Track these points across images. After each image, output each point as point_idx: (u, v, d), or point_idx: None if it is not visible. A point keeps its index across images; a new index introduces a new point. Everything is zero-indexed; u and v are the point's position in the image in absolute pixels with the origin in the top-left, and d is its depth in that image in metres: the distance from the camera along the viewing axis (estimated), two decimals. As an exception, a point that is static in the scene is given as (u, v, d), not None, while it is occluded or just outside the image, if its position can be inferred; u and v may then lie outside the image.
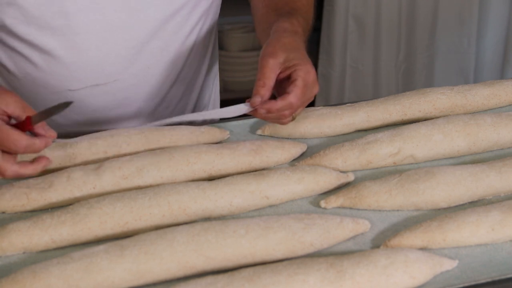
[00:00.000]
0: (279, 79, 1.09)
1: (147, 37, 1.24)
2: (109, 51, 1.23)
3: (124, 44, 1.23)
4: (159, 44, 1.26)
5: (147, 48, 1.25)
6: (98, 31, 1.20)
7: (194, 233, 0.88)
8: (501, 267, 0.88)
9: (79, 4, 1.17)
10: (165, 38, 1.26)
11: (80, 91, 1.25)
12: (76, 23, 1.18)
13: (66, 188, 1.02)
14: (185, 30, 1.29)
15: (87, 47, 1.21)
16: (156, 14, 1.23)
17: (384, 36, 2.86)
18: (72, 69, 1.22)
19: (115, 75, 1.26)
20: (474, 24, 2.81)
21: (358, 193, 1.00)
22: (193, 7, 1.28)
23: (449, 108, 1.22)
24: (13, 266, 0.91)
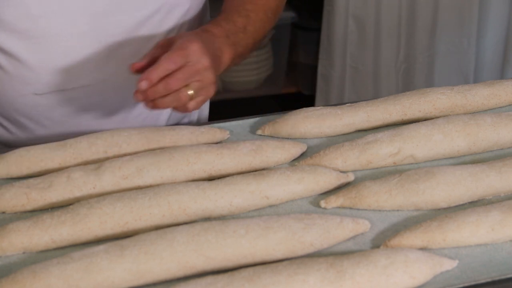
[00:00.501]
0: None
1: (116, 44, 1.22)
2: (76, 56, 1.21)
3: (91, 50, 1.21)
4: (130, 50, 1.24)
5: (117, 54, 1.23)
6: (65, 36, 1.19)
7: (194, 233, 0.89)
8: (501, 267, 0.88)
9: (45, 7, 1.16)
10: (136, 45, 1.24)
11: (47, 95, 1.24)
12: (42, 27, 1.17)
13: (66, 188, 1.02)
14: (158, 37, 1.26)
15: (53, 51, 1.20)
16: (125, 20, 1.21)
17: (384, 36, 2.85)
18: (38, 73, 1.21)
19: (82, 80, 1.24)
20: (474, 24, 2.80)
21: (358, 193, 1.00)
22: (167, 14, 1.26)
23: (449, 108, 1.22)
24: (13, 266, 0.91)
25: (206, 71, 1.10)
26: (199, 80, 1.10)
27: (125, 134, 1.12)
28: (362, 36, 2.87)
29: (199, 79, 1.10)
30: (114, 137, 1.12)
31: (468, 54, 2.85)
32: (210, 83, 1.12)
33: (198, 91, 1.11)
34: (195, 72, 1.09)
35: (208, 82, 1.11)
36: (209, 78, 1.11)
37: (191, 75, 1.09)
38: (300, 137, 1.18)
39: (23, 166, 1.08)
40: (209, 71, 1.11)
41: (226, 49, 1.18)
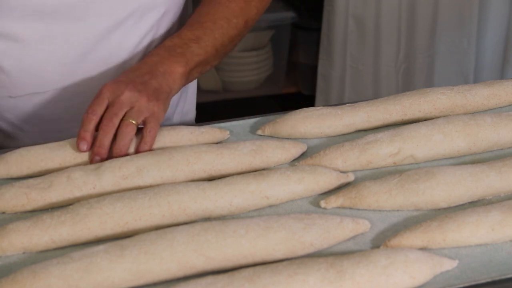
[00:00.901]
0: None
1: (89, 47, 1.23)
2: (49, 59, 1.21)
3: (64, 53, 1.22)
4: (103, 54, 1.24)
5: (90, 58, 1.24)
6: (37, 39, 1.19)
7: (194, 233, 0.88)
8: (501, 267, 0.88)
9: (19, 11, 1.16)
10: (109, 49, 1.24)
11: (21, 98, 1.25)
12: (15, 30, 1.18)
13: (66, 188, 1.02)
14: (132, 41, 1.26)
15: (26, 54, 1.20)
16: (97, 24, 1.21)
17: (384, 36, 2.86)
18: (11, 75, 1.22)
19: (54, 83, 1.24)
20: (474, 24, 2.81)
21: (358, 193, 1.00)
22: (140, 17, 1.26)
23: (449, 108, 1.22)
24: (13, 266, 0.90)
25: (130, 97, 1.09)
26: (131, 106, 1.09)
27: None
28: (362, 36, 2.87)
29: (130, 105, 1.09)
30: (114, 137, 1.11)
31: (468, 54, 2.85)
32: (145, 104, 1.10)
33: (138, 117, 1.09)
34: (119, 104, 1.09)
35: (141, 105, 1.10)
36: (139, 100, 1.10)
37: (118, 108, 1.08)
38: (300, 137, 1.18)
39: (23, 166, 1.08)
40: (134, 95, 1.10)
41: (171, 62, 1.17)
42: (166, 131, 1.14)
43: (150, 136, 1.10)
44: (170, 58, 1.17)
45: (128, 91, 1.09)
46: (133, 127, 1.09)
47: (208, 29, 1.24)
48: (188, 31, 1.23)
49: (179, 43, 1.20)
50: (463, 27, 2.82)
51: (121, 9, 1.23)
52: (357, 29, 2.87)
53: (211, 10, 1.26)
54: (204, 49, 1.22)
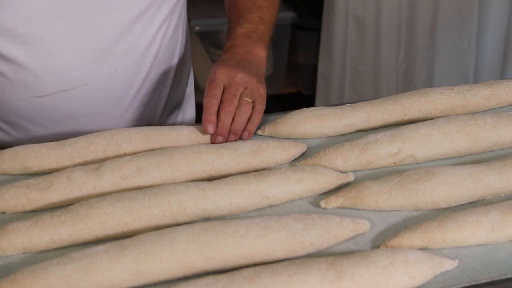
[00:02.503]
0: None
1: (113, 41, 1.25)
2: (75, 56, 1.23)
3: (89, 49, 1.23)
4: (125, 46, 1.27)
5: (113, 51, 1.26)
6: (62, 37, 1.21)
7: (194, 233, 0.89)
8: (501, 267, 0.88)
9: (42, 10, 1.17)
10: (130, 40, 1.27)
11: (48, 97, 1.25)
12: (39, 30, 1.19)
13: (66, 188, 1.02)
14: (151, 31, 1.29)
15: (52, 53, 1.21)
16: (120, 17, 1.24)
17: (384, 36, 2.85)
18: (38, 75, 1.23)
19: (82, 79, 1.25)
20: (474, 24, 2.81)
21: (358, 193, 1.00)
22: (157, 9, 1.29)
23: (449, 108, 1.22)
24: (13, 266, 0.91)
25: (243, 78, 1.17)
26: (245, 87, 1.17)
27: (125, 133, 1.12)
28: (362, 36, 2.87)
29: (244, 86, 1.17)
30: (114, 136, 1.12)
31: (468, 54, 2.85)
32: (255, 85, 1.18)
33: (252, 96, 1.18)
34: (235, 85, 1.16)
35: (253, 83, 1.18)
36: (251, 81, 1.18)
37: (235, 89, 1.16)
38: (300, 137, 1.18)
39: (17, 162, 1.08)
40: (246, 76, 1.18)
41: (254, 48, 1.25)
42: (166, 130, 1.14)
43: (257, 117, 1.17)
44: (252, 44, 1.26)
45: (240, 73, 1.18)
46: (250, 106, 1.16)
47: (264, 8, 1.33)
48: (251, 14, 1.31)
49: (252, 28, 1.28)
50: (463, 27, 2.82)
51: (139, 2, 1.25)
52: (357, 29, 2.87)
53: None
54: (269, 28, 1.32)
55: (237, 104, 1.15)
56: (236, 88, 1.16)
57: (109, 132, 1.13)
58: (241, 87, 1.17)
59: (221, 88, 1.16)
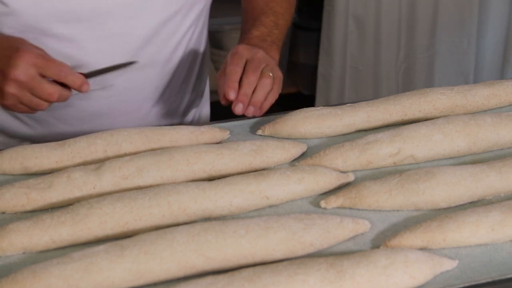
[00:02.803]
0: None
1: (142, 43, 1.28)
2: (105, 57, 1.25)
3: (120, 51, 1.26)
4: (153, 49, 1.30)
5: (141, 53, 1.28)
6: (95, 39, 1.24)
7: (194, 233, 0.88)
8: (501, 267, 0.88)
9: (78, 13, 1.19)
10: (158, 43, 1.30)
11: (76, 95, 1.26)
12: (73, 31, 1.21)
13: (66, 188, 1.02)
14: (178, 35, 1.33)
15: (84, 53, 1.24)
16: (150, 21, 1.26)
17: (384, 36, 2.86)
18: None
19: (110, 80, 1.29)
20: (474, 24, 2.80)
21: (358, 193, 1.00)
22: (185, 15, 1.32)
23: (449, 108, 1.22)
24: (13, 266, 0.90)
25: (264, 56, 1.20)
26: (266, 64, 1.20)
27: (125, 134, 1.12)
28: (362, 36, 2.87)
29: (266, 63, 1.20)
30: (114, 136, 1.12)
31: (468, 54, 2.85)
32: (275, 66, 1.22)
33: (273, 72, 1.20)
34: (258, 60, 1.19)
35: (273, 64, 1.22)
36: (271, 61, 1.21)
37: (258, 63, 1.18)
38: (300, 137, 1.18)
39: (17, 162, 1.08)
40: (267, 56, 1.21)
41: (269, 51, 1.28)
42: (165, 130, 1.14)
43: (273, 96, 1.20)
44: (266, 47, 1.28)
45: (262, 52, 1.21)
46: (271, 80, 1.19)
47: (279, 14, 1.37)
48: (266, 18, 1.34)
49: (266, 32, 1.32)
50: (463, 27, 2.82)
51: (172, 5, 1.28)
52: (357, 29, 2.87)
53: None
54: (282, 33, 1.37)
55: (258, 76, 1.17)
56: (258, 62, 1.18)
57: (109, 133, 1.13)
58: (263, 63, 1.19)
59: (244, 60, 1.19)
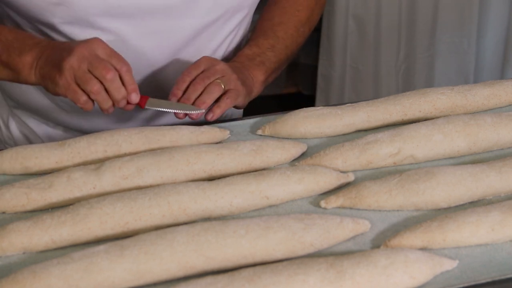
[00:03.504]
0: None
1: (183, 44, 1.29)
2: (147, 54, 1.27)
3: (160, 49, 1.28)
4: (193, 50, 1.30)
5: (181, 53, 1.30)
6: (138, 35, 1.25)
7: (194, 233, 0.89)
8: (501, 267, 0.88)
9: (123, 9, 1.21)
10: (198, 45, 1.31)
11: None
12: (118, 25, 1.23)
13: (66, 188, 1.02)
14: (217, 40, 1.33)
15: (126, 49, 1.24)
16: (192, 23, 1.27)
17: (384, 36, 2.85)
18: None
19: (148, 77, 1.30)
20: (474, 24, 2.80)
21: (358, 193, 1.00)
22: (228, 19, 1.32)
23: (449, 108, 1.22)
24: (13, 266, 0.91)
25: (224, 69, 1.20)
26: (223, 75, 1.20)
27: (125, 134, 1.12)
28: (362, 36, 2.87)
29: (222, 75, 1.20)
30: (114, 137, 1.12)
31: (468, 54, 2.85)
32: (234, 79, 1.21)
33: (227, 84, 1.19)
34: (214, 71, 1.19)
35: (233, 78, 1.21)
36: (230, 75, 1.21)
37: (211, 73, 1.19)
38: (300, 137, 1.18)
39: (17, 163, 1.08)
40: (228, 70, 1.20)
41: (253, 69, 1.28)
42: (165, 130, 1.14)
43: (225, 103, 1.19)
44: (252, 65, 1.29)
45: (223, 65, 1.22)
46: (220, 88, 1.18)
47: (281, 38, 1.36)
48: (264, 39, 1.34)
49: (258, 52, 1.32)
50: (463, 27, 2.82)
51: (215, 10, 1.28)
52: (357, 29, 2.87)
53: (283, 19, 1.38)
54: (278, 57, 1.34)
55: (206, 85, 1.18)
56: (212, 73, 1.19)
57: (109, 133, 1.13)
58: (218, 74, 1.19)
59: (199, 70, 1.20)
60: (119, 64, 1.12)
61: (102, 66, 1.09)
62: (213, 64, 1.21)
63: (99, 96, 1.11)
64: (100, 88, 1.10)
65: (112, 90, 1.11)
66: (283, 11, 1.39)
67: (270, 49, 1.33)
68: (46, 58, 1.13)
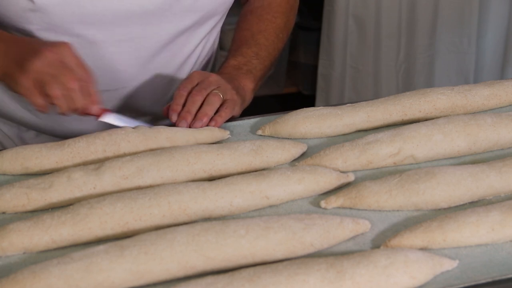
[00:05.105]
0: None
1: (157, 49, 1.30)
2: (122, 60, 1.27)
3: (136, 55, 1.28)
4: (168, 55, 1.32)
5: (156, 59, 1.30)
6: (114, 42, 1.25)
7: (194, 233, 0.89)
8: (501, 267, 0.88)
9: (100, 16, 1.21)
10: (173, 50, 1.32)
11: None
12: (94, 33, 1.23)
13: (66, 188, 1.02)
14: (192, 44, 1.34)
15: (102, 55, 1.25)
16: (168, 28, 1.28)
17: (384, 36, 2.85)
18: None
19: (124, 82, 1.31)
20: (474, 24, 2.80)
21: (358, 193, 1.00)
22: (201, 25, 1.33)
23: (449, 108, 1.22)
24: (13, 266, 0.91)
25: (217, 80, 1.20)
26: (218, 86, 1.20)
27: (122, 133, 1.13)
28: (362, 36, 2.87)
29: (217, 86, 1.19)
30: (112, 136, 1.12)
31: (468, 54, 2.85)
32: (230, 90, 1.21)
33: (224, 94, 1.20)
34: (208, 82, 1.20)
35: (227, 88, 1.21)
36: (225, 85, 1.21)
37: (207, 85, 1.19)
38: (301, 137, 1.18)
39: (17, 163, 1.09)
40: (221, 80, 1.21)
41: (242, 78, 1.29)
42: (163, 129, 1.15)
43: (225, 112, 1.19)
44: (240, 75, 1.30)
45: (216, 76, 1.22)
46: (219, 98, 1.19)
47: (263, 45, 1.37)
48: (248, 48, 1.35)
49: (243, 61, 1.33)
50: (463, 27, 2.81)
51: (190, 15, 1.29)
52: (357, 29, 2.87)
53: (262, 27, 1.40)
54: (263, 64, 1.36)
55: (204, 96, 1.18)
56: (208, 84, 1.19)
57: (107, 132, 1.13)
58: (213, 85, 1.20)
59: (193, 84, 1.20)
60: (84, 75, 1.11)
61: (67, 74, 1.09)
62: (206, 76, 1.21)
63: (58, 101, 1.10)
64: (61, 94, 1.09)
65: (72, 99, 1.10)
66: (261, 19, 1.41)
67: (254, 57, 1.34)
68: (11, 55, 1.12)
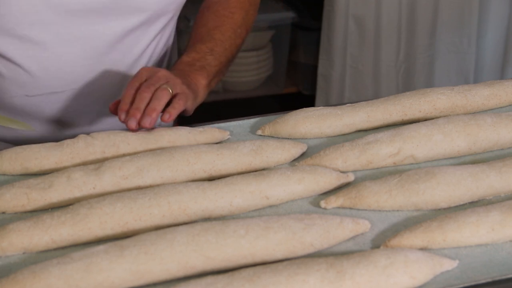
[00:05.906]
0: None
1: (105, 49, 1.28)
2: (69, 61, 1.26)
3: (83, 55, 1.26)
4: (116, 56, 1.30)
5: (105, 59, 1.29)
6: (59, 42, 1.23)
7: (194, 233, 0.89)
8: (501, 267, 0.88)
9: (43, 15, 1.19)
10: (122, 50, 1.30)
11: (37, 97, 1.28)
12: (39, 33, 1.21)
13: (66, 188, 1.02)
14: (143, 44, 1.32)
15: (47, 56, 1.24)
16: (114, 28, 1.26)
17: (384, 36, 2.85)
18: (31, 76, 1.26)
19: (72, 83, 1.29)
20: (474, 24, 2.80)
21: (358, 193, 1.00)
22: (151, 24, 1.31)
23: (449, 108, 1.22)
24: (13, 266, 0.91)
25: (166, 75, 1.17)
26: (167, 81, 1.16)
27: (121, 134, 1.12)
28: (362, 36, 2.87)
29: (166, 81, 1.16)
30: (110, 137, 1.12)
31: (468, 54, 2.85)
32: (179, 84, 1.18)
33: (173, 88, 1.16)
34: (156, 78, 1.16)
35: (177, 82, 1.18)
36: (174, 79, 1.17)
37: (155, 80, 1.16)
38: (300, 137, 1.18)
39: (17, 163, 1.08)
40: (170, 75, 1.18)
41: (195, 74, 1.26)
42: (164, 131, 1.14)
43: (178, 104, 1.15)
44: (193, 71, 1.26)
45: (164, 71, 1.19)
46: (168, 93, 1.14)
47: (219, 41, 1.34)
48: (202, 44, 1.32)
49: (197, 57, 1.29)
50: (463, 27, 2.81)
51: (138, 14, 1.27)
52: (357, 29, 2.87)
53: (218, 23, 1.36)
54: (219, 60, 1.32)
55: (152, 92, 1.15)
56: (156, 80, 1.16)
57: (106, 133, 1.13)
58: (162, 80, 1.16)
59: (141, 80, 1.17)
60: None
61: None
62: (155, 72, 1.18)
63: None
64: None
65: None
66: (217, 14, 1.38)
67: (209, 53, 1.31)
68: None
